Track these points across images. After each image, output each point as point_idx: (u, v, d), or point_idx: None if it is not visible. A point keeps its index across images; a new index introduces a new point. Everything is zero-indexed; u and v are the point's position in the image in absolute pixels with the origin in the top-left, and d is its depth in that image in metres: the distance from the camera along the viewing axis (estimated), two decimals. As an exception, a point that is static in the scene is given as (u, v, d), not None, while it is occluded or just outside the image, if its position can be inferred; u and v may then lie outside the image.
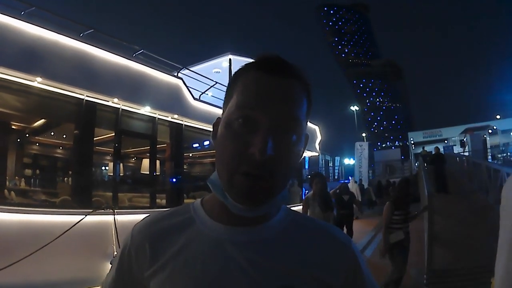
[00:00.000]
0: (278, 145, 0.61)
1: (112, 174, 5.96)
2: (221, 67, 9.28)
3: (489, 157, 21.84)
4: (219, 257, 0.65)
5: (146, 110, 5.97)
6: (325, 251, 0.70)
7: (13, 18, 4.35)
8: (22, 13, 4.75)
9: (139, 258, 0.70)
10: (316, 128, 12.06)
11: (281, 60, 0.65)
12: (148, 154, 6.53)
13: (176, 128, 6.63)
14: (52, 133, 7.67)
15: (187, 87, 6.74)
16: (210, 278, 0.63)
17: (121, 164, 6.51)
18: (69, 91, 4.94)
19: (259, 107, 0.61)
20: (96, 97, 5.22)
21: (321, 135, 12.30)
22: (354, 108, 46.08)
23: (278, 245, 0.67)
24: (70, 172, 5.66)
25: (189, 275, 0.64)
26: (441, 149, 16.04)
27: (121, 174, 6.48)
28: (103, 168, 9.28)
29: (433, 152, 14.39)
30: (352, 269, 0.71)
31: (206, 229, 0.68)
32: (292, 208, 0.78)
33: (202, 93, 7.35)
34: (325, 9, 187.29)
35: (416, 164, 21.65)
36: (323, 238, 0.72)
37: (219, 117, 0.70)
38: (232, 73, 0.71)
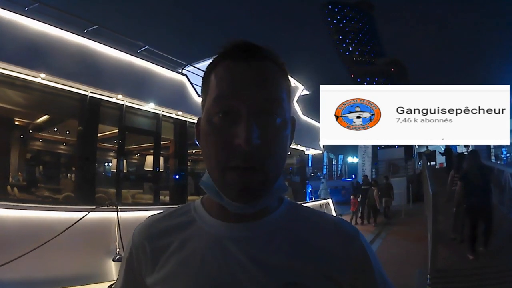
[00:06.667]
0: (264, 131, 0.59)
1: (115, 170, 5.96)
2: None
3: (493, 157, 21.64)
4: (218, 254, 0.64)
5: (150, 106, 5.96)
6: (331, 244, 0.67)
7: (17, 14, 4.34)
8: (26, 9, 4.75)
9: (140, 258, 0.70)
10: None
11: (249, 44, 0.64)
12: (152, 151, 6.54)
13: (180, 125, 6.62)
14: (56, 129, 7.66)
15: (191, 84, 6.71)
16: (209, 275, 0.62)
17: (125, 161, 6.51)
18: (73, 87, 4.94)
19: (236, 96, 0.59)
20: (100, 93, 5.22)
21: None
22: (358, 106, 45.97)
23: (280, 240, 0.65)
24: (74, 169, 5.65)
25: (188, 272, 0.63)
26: (443, 150, 15.75)
27: (124, 171, 6.49)
28: (107, 164, 9.28)
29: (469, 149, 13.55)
30: (360, 262, 0.67)
31: (206, 227, 0.67)
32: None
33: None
34: (330, 7, 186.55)
35: (420, 163, 21.53)
36: (329, 231, 0.68)
37: (199, 117, 0.68)
38: None
